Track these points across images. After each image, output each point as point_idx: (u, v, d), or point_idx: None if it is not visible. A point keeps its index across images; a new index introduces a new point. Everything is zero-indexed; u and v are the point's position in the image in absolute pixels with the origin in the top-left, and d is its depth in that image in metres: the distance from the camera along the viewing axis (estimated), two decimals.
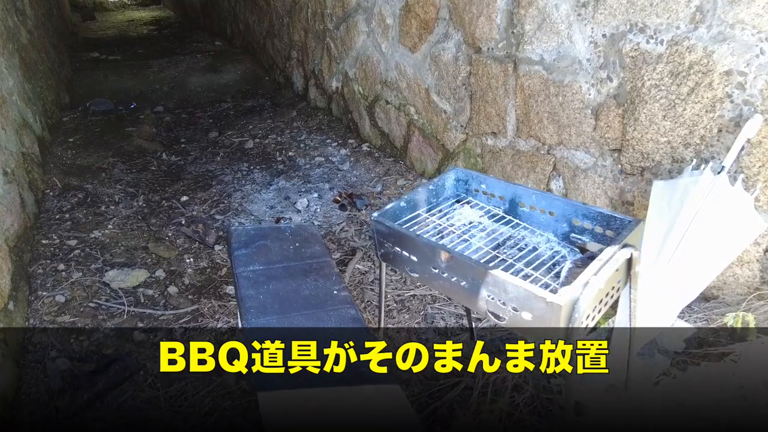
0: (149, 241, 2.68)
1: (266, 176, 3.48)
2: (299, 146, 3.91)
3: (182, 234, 2.75)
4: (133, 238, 2.69)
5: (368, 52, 3.44)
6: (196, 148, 4.04)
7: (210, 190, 3.30)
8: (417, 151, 3.22)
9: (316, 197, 3.13)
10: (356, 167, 3.48)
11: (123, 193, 3.17)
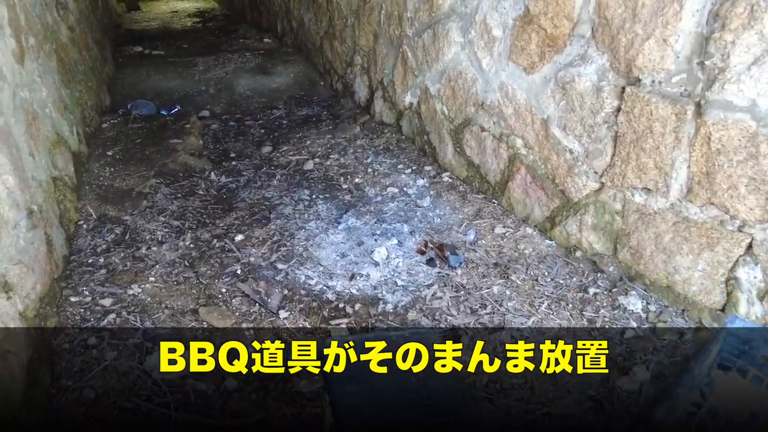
0: (199, 301, 2.18)
1: (332, 210, 2.95)
2: (366, 171, 3.37)
3: (239, 292, 2.25)
4: (180, 295, 2.20)
5: (460, 67, 2.87)
6: (249, 167, 3.54)
7: (268, 227, 2.79)
8: (520, 191, 2.64)
9: (395, 244, 2.58)
10: (438, 204, 2.92)
11: (167, 228, 2.69)
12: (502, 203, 2.79)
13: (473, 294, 2.24)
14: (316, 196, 3.13)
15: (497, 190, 2.81)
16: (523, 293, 2.24)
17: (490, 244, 2.56)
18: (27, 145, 2.18)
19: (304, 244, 2.63)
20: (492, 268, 2.39)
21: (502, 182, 2.76)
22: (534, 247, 2.51)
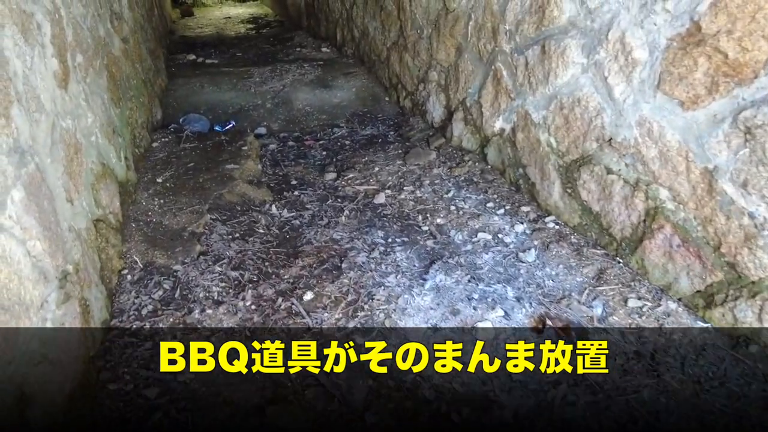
0: (264, 393, 1.73)
1: (414, 260, 2.47)
2: (449, 209, 2.87)
3: (312, 379, 1.79)
4: (241, 383, 1.76)
5: (579, 93, 2.33)
6: (313, 198, 3.10)
7: (341, 280, 2.33)
8: (661, 254, 2.08)
9: (501, 317, 2.07)
10: (547, 259, 2.39)
11: (224, 282, 2.26)
12: (631, 264, 2.24)
13: (616, 400, 1.71)
14: (393, 239, 2.66)
15: (625, 248, 2.26)
16: (685, 404, 1.68)
17: (625, 323, 2.01)
18: (65, 188, 1.80)
19: (385, 308, 2.15)
20: (634, 361, 1.84)
21: (633, 239, 2.21)
22: (685, 331, 1.95)
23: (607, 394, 1.72)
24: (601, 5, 2.10)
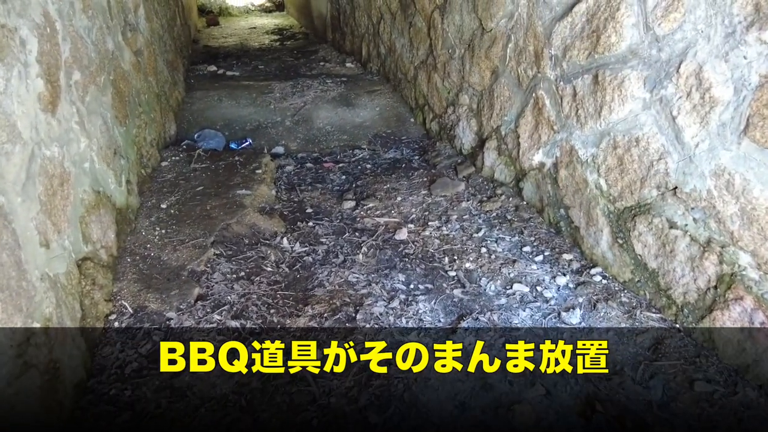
0: None
1: (439, 314, 2.17)
2: (479, 251, 2.56)
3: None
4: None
5: (639, 132, 2.02)
6: (329, 231, 2.83)
7: (354, 336, 2.04)
8: (738, 331, 1.74)
9: (542, 396, 1.75)
10: (594, 321, 2.06)
11: (221, 335, 1.99)
12: (695, 335, 1.90)
13: None
14: (415, 285, 2.36)
15: (687, 315, 1.92)
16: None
17: (693, 412, 1.67)
18: (39, 230, 1.55)
19: (404, 377, 1.85)
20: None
21: (699, 306, 1.87)
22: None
23: None
24: (672, 32, 1.79)
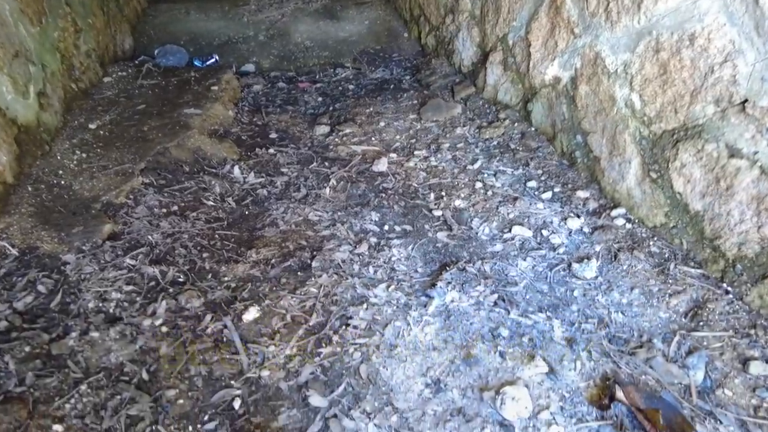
0: None
1: (417, 262, 1.71)
2: (473, 186, 2.08)
3: None
4: None
5: (695, 26, 1.47)
6: (293, 160, 2.33)
7: (305, 288, 1.59)
8: None
9: (543, 374, 1.32)
10: (614, 276, 1.60)
11: (131, 285, 1.55)
12: (750, 300, 1.44)
13: None
14: (390, 227, 1.89)
15: (741, 272, 1.46)
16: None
17: (746, 403, 1.24)
18: None
19: (364, 342, 1.42)
20: None
21: (761, 263, 1.40)
22: None
23: None
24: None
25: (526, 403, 1.22)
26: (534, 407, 1.23)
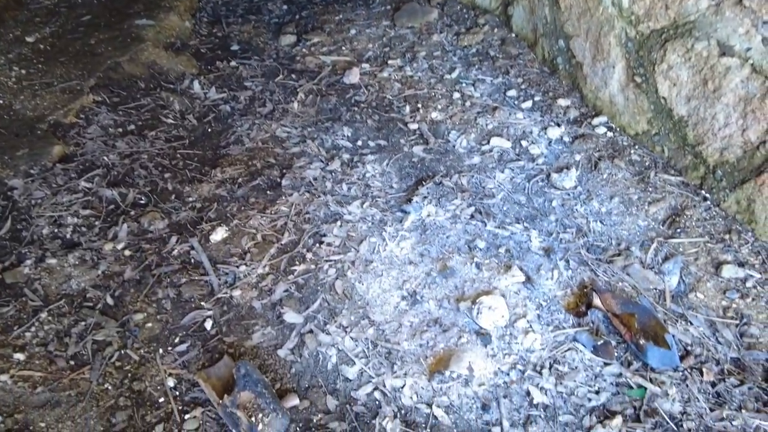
0: (113, 418, 1.02)
1: (392, 177, 1.64)
2: (451, 96, 1.97)
3: (198, 390, 1.07)
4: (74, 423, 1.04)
5: None
6: (257, 72, 2.17)
7: (275, 208, 1.53)
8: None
9: (519, 283, 1.30)
10: (594, 186, 1.56)
11: (89, 209, 1.45)
12: (727, 205, 1.43)
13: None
14: (364, 142, 1.80)
15: (720, 178, 1.43)
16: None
17: (717, 305, 1.26)
18: None
19: (338, 259, 1.38)
20: (734, 380, 1.12)
21: (741, 168, 1.37)
22: None
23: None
24: None
25: (502, 312, 1.22)
26: (511, 316, 1.23)
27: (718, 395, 1.10)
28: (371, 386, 1.12)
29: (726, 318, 1.23)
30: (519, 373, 1.14)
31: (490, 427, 1.06)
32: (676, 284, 1.30)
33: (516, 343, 1.19)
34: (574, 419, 1.07)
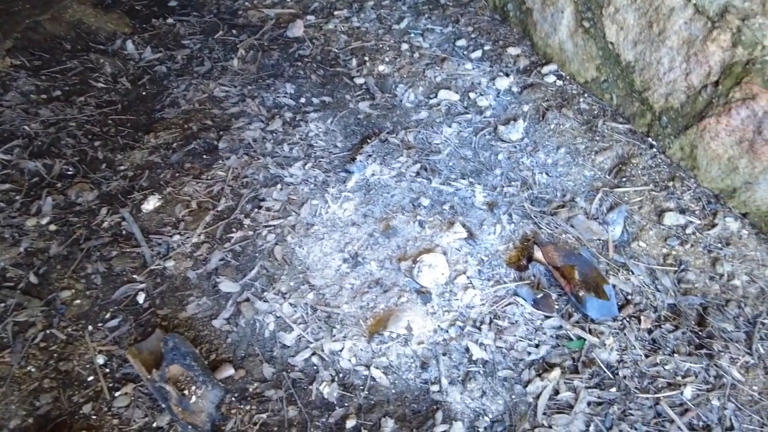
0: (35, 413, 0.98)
1: (336, 136, 1.58)
2: (399, 48, 1.89)
3: (127, 365, 1.04)
4: None
5: None
6: (195, 29, 2.04)
7: (212, 172, 1.46)
8: (734, 143, 1.24)
9: (461, 240, 1.28)
10: (541, 137, 1.53)
11: (8, 184, 1.36)
12: (672, 152, 1.41)
13: (645, 411, 1.03)
14: (308, 99, 1.72)
15: (666, 125, 1.41)
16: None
17: (658, 253, 1.25)
18: None
19: (278, 224, 1.33)
20: (670, 326, 1.13)
21: (685, 113, 1.34)
22: (752, 272, 1.21)
23: (633, 399, 1.03)
24: None
25: (443, 269, 1.19)
26: (451, 273, 1.21)
27: (653, 341, 1.11)
28: (309, 351, 1.10)
29: (666, 266, 1.23)
30: (458, 329, 1.13)
31: (428, 386, 1.05)
32: (619, 234, 1.30)
33: (456, 299, 1.17)
34: (513, 374, 1.07)
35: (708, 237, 1.27)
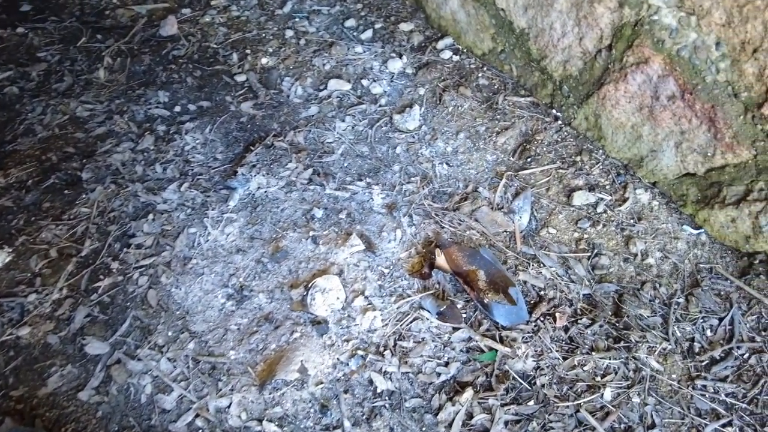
0: None
1: (217, 146, 1.40)
2: (283, 37, 1.70)
3: None
4: None
5: None
6: (54, 38, 1.77)
7: (74, 210, 1.26)
8: (635, 109, 1.15)
9: (359, 253, 1.15)
10: (438, 122, 1.40)
11: None
12: (577, 124, 1.32)
13: (566, 422, 0.95)
14: (184, 106, 1.52)
15: (568, 94, 1.31)
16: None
17: (570, 238, 1.17)
18: None
19: (150, 263, 1.16)
20: (586, 320, 1.05)
21: (585, 81, 1.24)
22: (665, 248, 1.14)
23: (551, 415, 0.95)
24: None
25: (337, 293, 1.07)
26: (347, 295, 1.09)
27: (571, 340, 1.03)
28: (192, 413, 0.96)
29: (578, 252, 1.15)
30: (360, 360, 1.01)
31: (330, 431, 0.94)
32: (527, 222, 1.20)
33: (355, 325, 1.05)
34: (422, 402, 0.97)
35: (620, 214, 1.19)
